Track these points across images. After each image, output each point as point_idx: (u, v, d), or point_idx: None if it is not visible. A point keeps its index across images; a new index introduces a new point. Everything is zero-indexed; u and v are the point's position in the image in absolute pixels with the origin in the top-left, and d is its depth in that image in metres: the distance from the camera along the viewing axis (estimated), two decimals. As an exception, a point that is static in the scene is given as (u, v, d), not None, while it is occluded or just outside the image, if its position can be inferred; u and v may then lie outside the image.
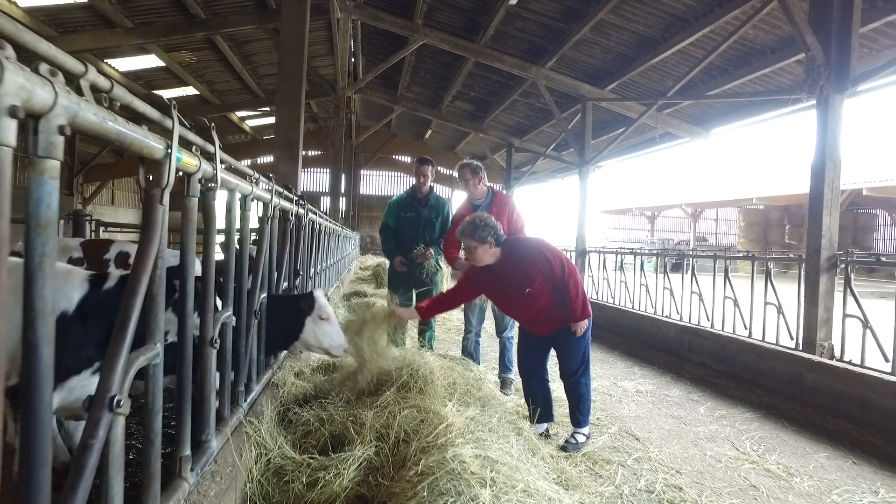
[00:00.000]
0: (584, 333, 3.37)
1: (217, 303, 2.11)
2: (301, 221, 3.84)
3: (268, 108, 17.87)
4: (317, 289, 3.06)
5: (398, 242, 4.80)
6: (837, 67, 4.99)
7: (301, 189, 5.52)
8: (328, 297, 6.42)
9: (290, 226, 3.44)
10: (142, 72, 13.57)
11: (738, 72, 8.58)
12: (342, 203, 15.43)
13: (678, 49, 8.41)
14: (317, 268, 5.32)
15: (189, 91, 15.44)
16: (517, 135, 16.82)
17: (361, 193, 26.10)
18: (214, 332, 1.97)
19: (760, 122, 9.98)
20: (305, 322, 2.86)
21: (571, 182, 17.84)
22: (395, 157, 26.39)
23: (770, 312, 5.54)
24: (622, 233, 35.11)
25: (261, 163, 23.75)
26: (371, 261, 15.03)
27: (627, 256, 9.70)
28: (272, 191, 2.73)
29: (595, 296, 9.58)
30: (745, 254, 7.23)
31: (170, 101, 1.38)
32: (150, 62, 12.87)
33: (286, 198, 3.20)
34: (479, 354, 4.76)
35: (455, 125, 17.77)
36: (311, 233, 4.74)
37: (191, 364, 1.76)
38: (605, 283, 9.26)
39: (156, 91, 14.88)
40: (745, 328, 5.77)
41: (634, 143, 13.43)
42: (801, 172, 5.17)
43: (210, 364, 1.96)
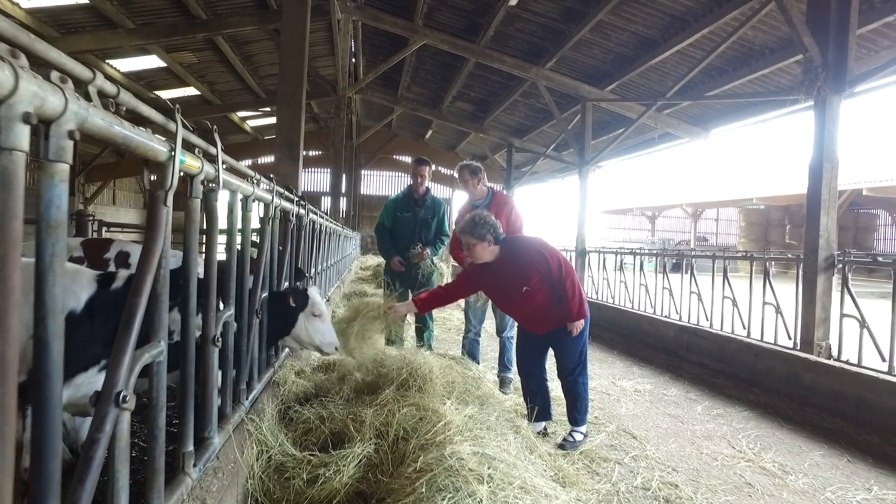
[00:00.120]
0: (582, 333, 3.40)
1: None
2: (302, 222, 3.87)
3: (269, 109, 17.87)
4: (311, 286, 3.09)
5: (394, 242, 4.85)
6: (835, 68, 5.02)
7: (302, 189, 5.57)
8: (328, 297, 6.48)
9: (291, 226, 3.48)
10: (143, 72, 13.60)
11: (738, 72, 8.59)
12: (343, 203, 15.48)
13: (677, 50, 8.43)
14: (317, 268, 5.35)
15: (190, 91, 15.48)
16: (517, 135, 16.85)
17: (362, 193, 26.11)
18: (217, 331, 2.01)
19: (760, 123, 10.02)
20: (298, 318, 2.89)
21: (572, 182, 17.86)
22: (396, 158, 26.40)
23: (769, 312, 5.57)
24: (623, 233, 35.11)
25: (262, 163, 23.74)
26: (372, 261, 15.07)
27: (627, 256, 9.73)
28: (273, 192, 2.77)
29: (595, 296, 9.61)
30: (744, 254, 7.26)
31: (173, 105, 1.42)
32: (152, 63, 12.90)
33: (287, 198, 3.24)
34: (479, 354, 4.79)
35: (455, 125, 17.80)
36: (312, 233, 4.77)
37: (193, 362, 1.80)
38: (605, 283, 9.29)
39: (157, 91, 14.92)
40: (744, 328, 5.80)
41: (634, 144, 13.46)
42: (802, 172, 5.21)
43: (212, 362, 2.00)
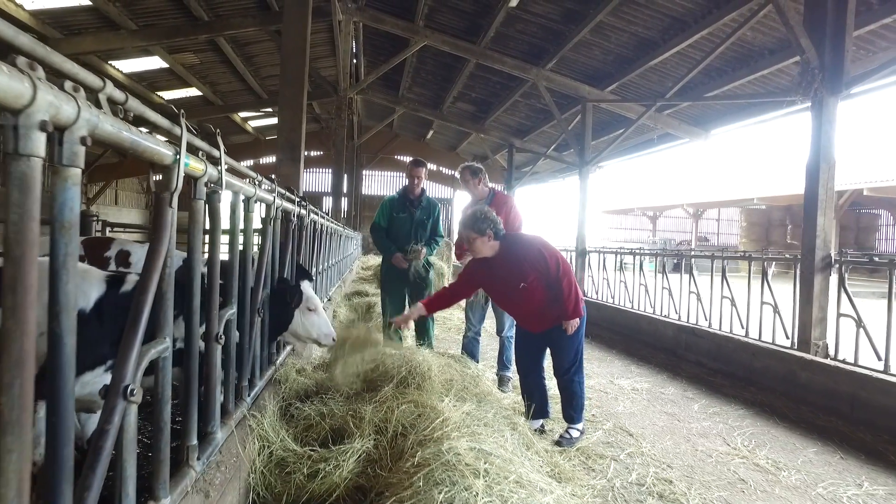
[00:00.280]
0: (577, 332, 3.45)
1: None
2: (303, 222, 3.93)
3: (270, 109, 17.92)
4: (303, 281, 3.15)
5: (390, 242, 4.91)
6: (831, 70, 5.06)
7: (303, 189, 5.62)
8: (329, 297, 6.53)
9: (293, 226, 3.53)
10: (145, 73, 13.67)
11: (737, 73, 8.62)
12: (344, 203, 15.53)
13: (677, 51, 8.46)
14: (318, 268, 5.41)
15: (192, 92, 15.55)
16: (518, 135, 16.89)
17: (363, 194, 26.16)
18: (219, 329, 2.06)
19: (760, 123, 10.03)
20: (294, 314, 2.97)
21: (572, 182, 17.82)
22: (397, 158, 26.44)
23: (767, 312, 5.61)
24: (624, 233, 35.12)
25: (263, 163, 23.81)
26: (373, 261, 15.09)
27: (627, 257, 9.77)
28: (274, 193, 2.83)
29: (595, 296, 9.66)
30: (742, 254, 7.29)
31: (178, 111, 1.47)
32: (154, 63, 12.98)
33: (288, 199, 3.29)
34: (479, 353, 4.84)
35: (456, 126, 17.85)
36: (313, 233, 4.83)
37: (197, 359, 1.86)
38: (605, 283, 9.33)
39: (159, 92, 15.00)
40: (742, 327, 5.84)
41: (634, 144, 13.48)
42: (803, 172, 5.24)
43: (215, 359, 2.05)
